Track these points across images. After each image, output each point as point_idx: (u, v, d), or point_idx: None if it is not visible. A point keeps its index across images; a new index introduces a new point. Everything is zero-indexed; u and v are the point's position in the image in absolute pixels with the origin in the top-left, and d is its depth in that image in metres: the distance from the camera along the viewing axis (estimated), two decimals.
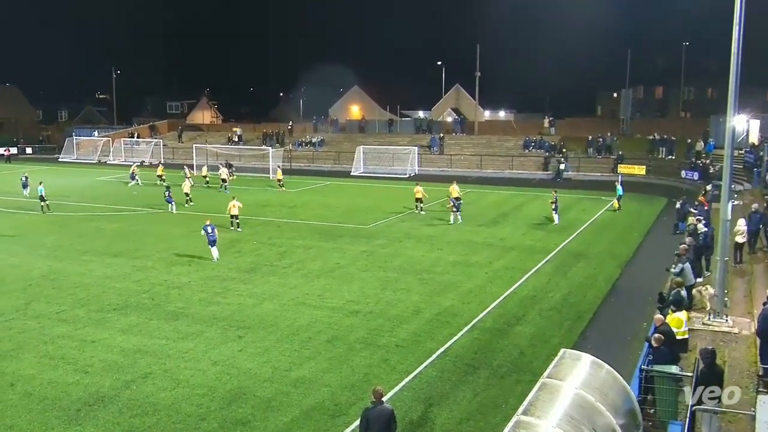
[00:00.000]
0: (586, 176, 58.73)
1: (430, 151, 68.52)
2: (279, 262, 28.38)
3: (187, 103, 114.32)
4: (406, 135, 75.44)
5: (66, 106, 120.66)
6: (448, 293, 23.82)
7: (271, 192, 50.53)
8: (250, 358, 17.90)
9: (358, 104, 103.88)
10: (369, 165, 64.42)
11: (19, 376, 16.75)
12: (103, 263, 28.08)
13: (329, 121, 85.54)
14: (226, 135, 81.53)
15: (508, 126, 78.16)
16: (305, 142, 75.53)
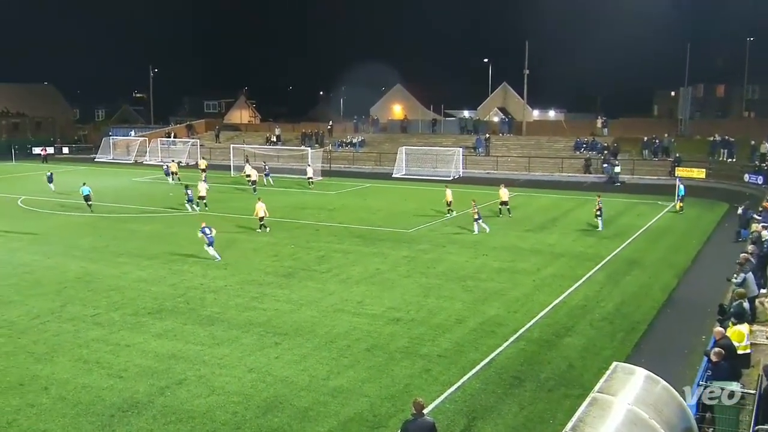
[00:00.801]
0: (641, 180, 57.79)
1: (476, 152, 68.20)
2: (317, 266, 28.54)
3: (224, 102, 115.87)
4: (451, 135, 75.23)
5: (103, 105, 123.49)
6: (493, 301, 23.66)
7: (310, 194, 50.88)
8: (287, 366, 18.03)
9: (400, 103, 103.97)
10: (411, 167, 64.39)
11: (54, 380, 17.15)
12: (138, 266, 28.61)
13: (370, 121, 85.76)
14: (264, 135, 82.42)
15: (558, 126, 77.37)
16: (345, 142, 75.87)
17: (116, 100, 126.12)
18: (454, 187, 51.67)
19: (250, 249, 31.84)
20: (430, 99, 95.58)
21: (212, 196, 45.57)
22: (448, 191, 40.90)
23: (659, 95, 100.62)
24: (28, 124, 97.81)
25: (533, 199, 48.38)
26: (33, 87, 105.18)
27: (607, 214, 39.84)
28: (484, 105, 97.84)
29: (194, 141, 79.04)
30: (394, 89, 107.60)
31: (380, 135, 79.46)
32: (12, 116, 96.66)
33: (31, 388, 16.73)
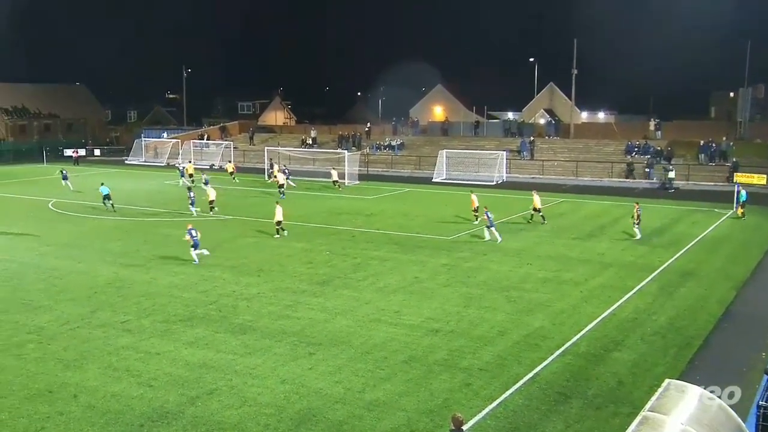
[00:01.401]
0: (696, 185, 56.88)
1: (520, 156, 67.82)
2: (353, 274, 28.63)
3: (259, 103, 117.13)
4: (494, 138, 74.95)
5: (135, 106, 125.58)
6: (537, 313, 23.48)
7: (346, 199, 51.09)
8: (321, 377, 18.11)
9: (441, 104, 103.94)
10: (452, 171, 64.27)
11: (83, 388, 17.47)
12: (169, 271, 29.01)
13: (410, 123, 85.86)
14: (299, 137, 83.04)
15: (608, 129, 76.57)
16: (383, 145, 76.05)
17: (149, 100, 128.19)
18: (497, 193, 51.45)
19: (284, 255, 32.07)
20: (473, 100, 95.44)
21: (244, 201, 46.07)
22: (473, 197, 40.80)
23: (716, 96, 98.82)
24: (60, 125, 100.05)
25: (581, 205, 47.91)
26: (65, 87, 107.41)
27: (660, 222, 39.33)
28: (529, 106, 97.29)
29: (227, 143, 79.92)
30: (434, 90, 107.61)
31: (420, 137, 79.48)
32: (44, 117, 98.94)
33: (60, 395, 17.06)
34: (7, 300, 24.97)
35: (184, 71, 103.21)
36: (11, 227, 38.79)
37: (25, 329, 21.86)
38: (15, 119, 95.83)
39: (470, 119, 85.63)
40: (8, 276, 28.38)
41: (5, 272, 28.96)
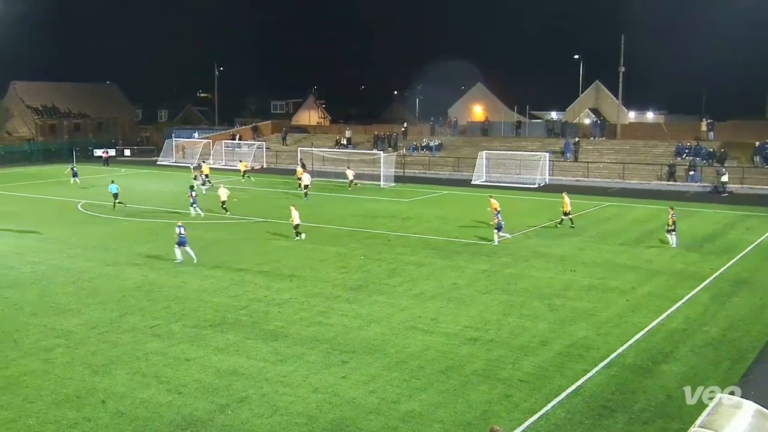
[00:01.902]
0: (751, 189, 55.89)
1: (564, 157, 67.32)
2: (388, 280, 28.66)
3: (292, 102, 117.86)
4: (536, 139, 74.51)
5: (166, 105, 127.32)
6: (581, 322, 23.26)
7: (382, 202, 51.16)
8: (354, 387, 18.14)
9: (481, 104, 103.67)
10: (492, 173, 64.00)
11: (111, 394, 17.71)
12: (199, 275, 29.32)
13: (448, 123, 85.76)
14: (333, 137, 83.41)
15: (657, 129, 75.66)
16: (421, 145, 76.02)
17: (180, 99, 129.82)
18: (540, 196, 51.11)
19: (317, 259, 32.21)
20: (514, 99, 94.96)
21: (275, 203, 46.36)
22: (493, 200, 40.60)
23: None
24: (90, 124, 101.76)
25: (628, 209, 47.38)
26: (95, 86, 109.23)
27: (712, 227, 38.72)
28: (573, 106, 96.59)
29: (260, 143, 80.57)
30: (474, 88, 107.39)
31: (459, 138, 79.33)
32: (73, 116, 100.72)
33: (88, 401, 17.32)
34: (36, 303, 25.45)
35: (216, 70, 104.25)
36: (40, 229, 39.52)
37: (53, 333, 22.25)
38: (45, 118, 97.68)
39: (511, 119, 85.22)
40: (37, 278, 28.92)
41: (34, 274, 29.52)
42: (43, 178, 65.89)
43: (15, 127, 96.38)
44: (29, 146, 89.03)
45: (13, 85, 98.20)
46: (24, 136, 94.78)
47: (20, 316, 24.04)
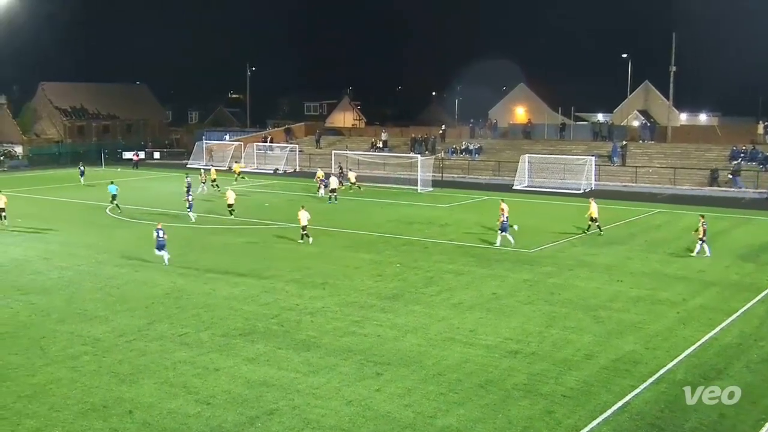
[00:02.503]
0: None
1: (610, 162, 66.72)
2: (425, 288, 28.62)
3: (326, 103, 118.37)
4: (581, 142, 73.99)
5: (196, 106, 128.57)
6: (628, 335, 23.02)
7: (418, 207, 51.11)
8: (389, 400, 18.13)
9: (523, 105, 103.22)
10: (535, 177, 63.64)
11: (138, 403, 17.91)
12: (229, 282, 29.55)
13: (488, 125, 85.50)
14: (369, 140, 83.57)
15: (710, 132, 74.66)
16: (460, 149, 75.86)
17: (211, 101, 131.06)
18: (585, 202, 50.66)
19: (351, 267, 32.29)
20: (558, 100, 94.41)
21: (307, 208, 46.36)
22: (503, 205, 40.33)
23: None
24: (119, 126, 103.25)
25: (678, 216, 46.76)
26: (125, 87, 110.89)
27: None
28: (621, 107, 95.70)
29: (293, 146, 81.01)
30: (516, 89, 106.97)
31: (500, 141, 79.02)
32: (102, 118, 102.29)
33: (115, 411, 17.53)
34: (63, 309, 25.85)
35: (248, 70, 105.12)
36: (68, 233, 40.16)
37: (80, 340, 22.58)
38: (73, 120, 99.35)
39: (555, 121, 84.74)
40: (65, 284, 29.38)
41: (61, 280, 30.00)
42: (72, 180, 66.82)
43: (43, 128, 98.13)
44: (57, 148, 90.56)
45: (42, 86, 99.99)
46: (52, 137, 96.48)
47: (47, 322, 24.44)
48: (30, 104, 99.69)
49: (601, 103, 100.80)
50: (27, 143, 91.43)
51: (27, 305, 26.34)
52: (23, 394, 18.47)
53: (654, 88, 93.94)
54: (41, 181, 61.13)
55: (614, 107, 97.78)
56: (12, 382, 19.26)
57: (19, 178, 70.41)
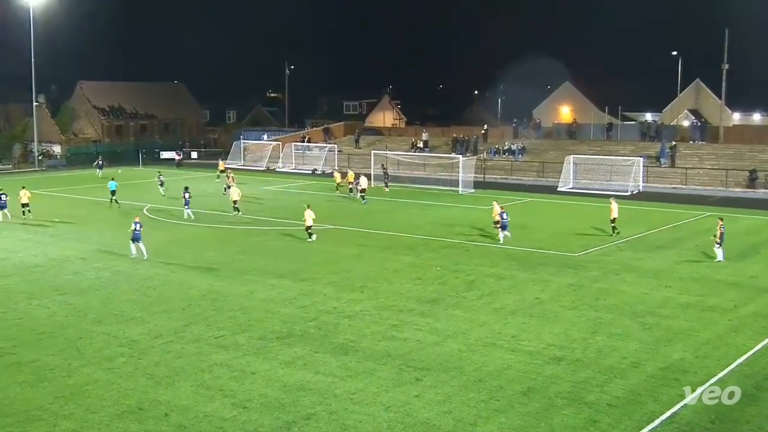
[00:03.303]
0: None
1: (659, 163, 65.96)
2: (466, 293, 28.55)
3: (366, 102, 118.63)
4: (629, 143, 73.27)
5: (234, 105, 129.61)
6: (677, 343, 22.74)
7: (459, 209, 50.99)
8: (429, 406, 18.11)
9: (568, 104, 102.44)
10: (580, 179, 63.14)
11: (174, 406, 18.12)
12: (266, 284, 29.76)
13: (532, 125, 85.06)
14: (409, 140, 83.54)
15: (764, 132, 73.49)
16: (502, 149, 75.56)
17: (249, 100, 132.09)
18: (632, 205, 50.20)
19: (390, 270, 32.33)
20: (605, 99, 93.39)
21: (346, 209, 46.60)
22: (495, 205, 40.18)
23: None
24: (156, 126, 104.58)
25: (730, 220, 45.81)
26: (163, 86, 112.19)
27: None
28: (671, 107, 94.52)
29: (331, 146, 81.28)
30: (561, 88, 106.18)
31: (544, 141, 78.57)
32: (140, 117, 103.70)
33: (150, 413, 17.76)
34: (100, 310, 26.25)
35: (287, 68, 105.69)
36: (105, 233, 40.77)
37: (116, 342, 22.91)
38: (111, 119, 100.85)
39: (602, 121, 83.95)
40: (101, 284, 29.83)
41: (98, 281, 30.47)
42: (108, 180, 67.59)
43: (81, 128, 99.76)
44: (95, 148, 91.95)
45: (80, 85, 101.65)
46: (90, 137, 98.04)
47: (84, 323, 24.85)
48: (68, 103, 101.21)
49: (649, 102, 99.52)
50: (65, 143, 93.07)
51: (64, 305, 26.81)
52: (60, 395, 18.81)
53: (705, 87, 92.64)
54: (79, 181, 62.14)
55: (663, 106, 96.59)
56: (49, 383, 19.62)
57: (57, 177, 71.63)
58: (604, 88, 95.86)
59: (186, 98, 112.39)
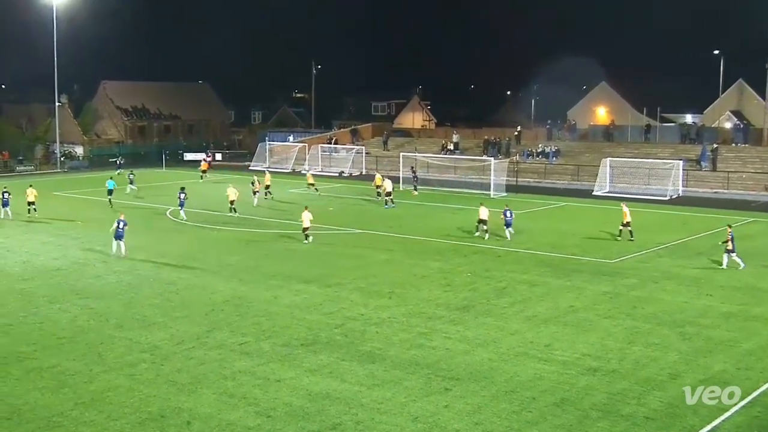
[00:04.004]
0: None
1: (700, 166, 65.35)
2: (497, 300, 28.46)
3: (394, 103, 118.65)
4: (668, 145, 72.71)
5: (259, 106, 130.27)
6: (718, 354, 22.52)
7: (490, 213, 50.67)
8: (458, 417, 18.06)
9: (605, 105, 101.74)
10: (617, 183, 62.69)
11: (197, 414, 18.21)
12: (291, 290, 29.85)
13: (567, 127, 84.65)
14: (439, 142, 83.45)
15: None
16: (536, 152, 75.28)
17: (274, 100, 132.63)
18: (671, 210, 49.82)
19: (419, 276, 32.31)
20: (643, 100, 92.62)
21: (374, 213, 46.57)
22: (483, 209, 40.50)
23: None
24: (180, 127, 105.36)
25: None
26: (187, 86, 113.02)
27: None
28: (712, 108, 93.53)
29: (359, 148, 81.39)
30: (597, 88, 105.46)
31: (579, 143, 78.18)
32: (164, 118, 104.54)
33: (172, 421, 17.86)
34: (122, 315, 26.47)
35: (314, 68, 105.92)
36: (127, 236, 40.91)
37: (138, 347, 23.09)
38: (134, 120, 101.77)
39: (640, 122, 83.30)
40: (123, 289, 30.09)
41: (120, 284, 30.74)
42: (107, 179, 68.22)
43: (104, 129, 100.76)
44: (118, 149, 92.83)
45: (103, 85, 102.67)
46: (113, 138, 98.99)
47: (105, 328, 25.06)
48: (91, 104, 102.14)
49: (690, 103, 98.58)
50: (87, 144, 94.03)
51: (85, 310, 27.06)
52: (80, 401, 18.98)
53: (749, 87, 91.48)
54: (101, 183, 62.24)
55: (704, 107, 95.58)
56: (70, 388, 19.81)
57: (79, 179, 72.38)
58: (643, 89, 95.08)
59: (210, 98, 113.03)
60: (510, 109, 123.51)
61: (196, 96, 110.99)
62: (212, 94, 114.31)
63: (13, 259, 35.53)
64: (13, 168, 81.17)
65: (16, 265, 34.16)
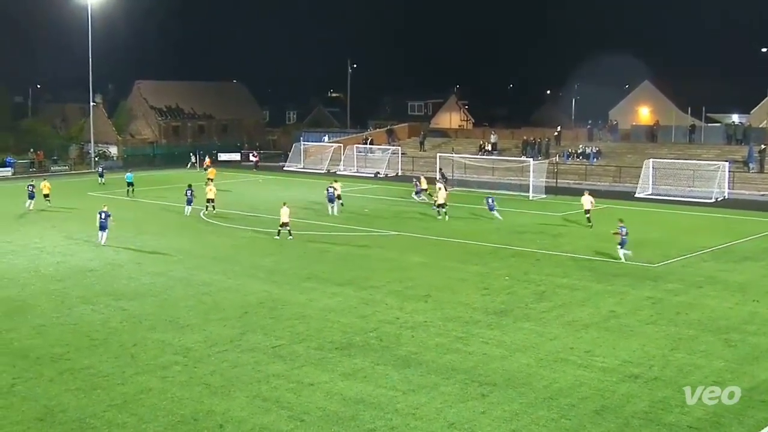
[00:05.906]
0: None
1: (746, 168, 64.52)
2: (536, 304, 28.33)
3: (431, 103, 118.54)
4: (713, 146, 71.85)
5: (294, 105, 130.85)
6: (764, 362, 22.24)
7: (529, 215, 50.61)
8: (495, 424, 18.00)
9: (648, 105, 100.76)
10: (660, 184, 62.07)
11: (229, 418, 18.34)
12: (326, 292, 29.95)
13: (608, 127, 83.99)
14: (476, 142, 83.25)
15: None
16: (576, 152, 74.81)
17: (309, 100, 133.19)
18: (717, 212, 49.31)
19: (456, 279, 32.25)
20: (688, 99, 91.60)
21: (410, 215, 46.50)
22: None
23: None
24: (214, 127, 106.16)
25: None
26: (221, 86, 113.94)
27: None
28: (760, 107, 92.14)
29: (395, 148, 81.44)
30: (640, 87, 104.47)
31: (621, 144, 77.53)
32: (198, 118, 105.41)
33: (205, 424, 18.00)
34: (155, 317, 26.75)
35: (350, 67, 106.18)
36: (161, 237, 41.55)
37: (171, 349, 23.31)
38: (168, 120, 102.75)
39: (684, 122, 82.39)
40: (157, 290, 30.40)
41: (153, 286, 31.05)
42: (166, 183, 68.96)
43: (138, 128, 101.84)
44: (152, 149, 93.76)
45: (138, 85, 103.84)
46: (147, 138, 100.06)
47: (138, 329, 25.34)
48: (125, 103, 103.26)
49: (736, 102, 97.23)
50: (122, 143, 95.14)
51: (118, 311, 27.38)
52: (113, 403, 19.19)
53: None
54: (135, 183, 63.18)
55: (752, 107, 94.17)
56: (102, 390, 20.04)
57: (112, 180, 73.11)
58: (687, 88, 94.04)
59: (245, 98, 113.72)
60: (549, 108, 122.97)
61: (230, 96, 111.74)
62: (246, 94, 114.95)
63: (47, 259, 36.06)
64: (47, 168, 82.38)
65: (50, 266, 34.67)
